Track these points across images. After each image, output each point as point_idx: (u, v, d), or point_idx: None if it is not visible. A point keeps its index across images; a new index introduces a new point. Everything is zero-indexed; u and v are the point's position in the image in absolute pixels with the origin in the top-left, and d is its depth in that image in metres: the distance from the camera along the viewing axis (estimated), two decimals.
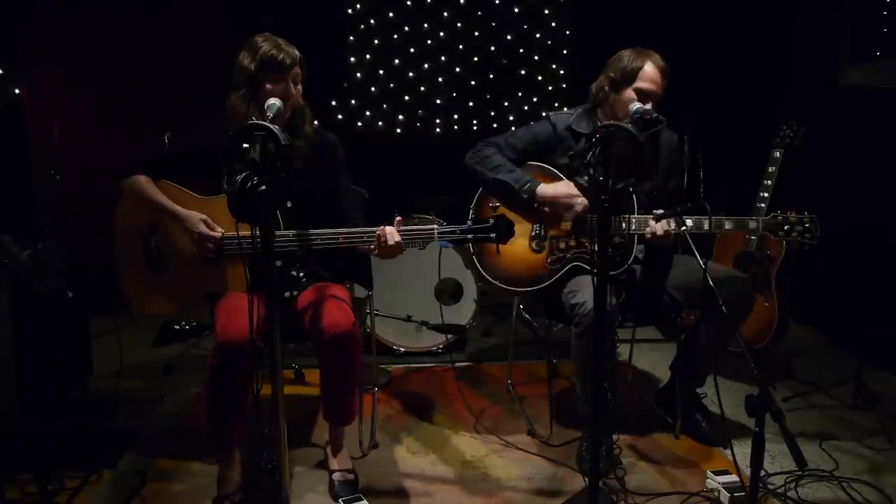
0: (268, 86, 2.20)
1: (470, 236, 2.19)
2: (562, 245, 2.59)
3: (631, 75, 2.50)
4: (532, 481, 2.46)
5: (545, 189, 2.53)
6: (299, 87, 2.29)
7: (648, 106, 2.47)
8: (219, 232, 2.26)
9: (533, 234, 2.61)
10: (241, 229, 1.74)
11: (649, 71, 2.48)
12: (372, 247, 2.21)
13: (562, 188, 2.53)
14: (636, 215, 2.48)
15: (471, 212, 2.67)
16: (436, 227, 2.20)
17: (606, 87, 2.57)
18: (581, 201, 2.50)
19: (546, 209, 2.56)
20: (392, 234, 2.17)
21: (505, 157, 2.62)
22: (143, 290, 2.38)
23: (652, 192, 2.62)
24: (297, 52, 2.26)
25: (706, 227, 2.42)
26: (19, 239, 2.76)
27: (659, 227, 2.42)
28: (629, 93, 2.50)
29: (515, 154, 2.64)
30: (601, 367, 1.99)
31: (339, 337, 2.19)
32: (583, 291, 2.45)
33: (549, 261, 2.59)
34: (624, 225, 2.47)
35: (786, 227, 2.45)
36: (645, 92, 2.48)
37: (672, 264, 2.65)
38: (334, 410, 2.39)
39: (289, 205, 2.31)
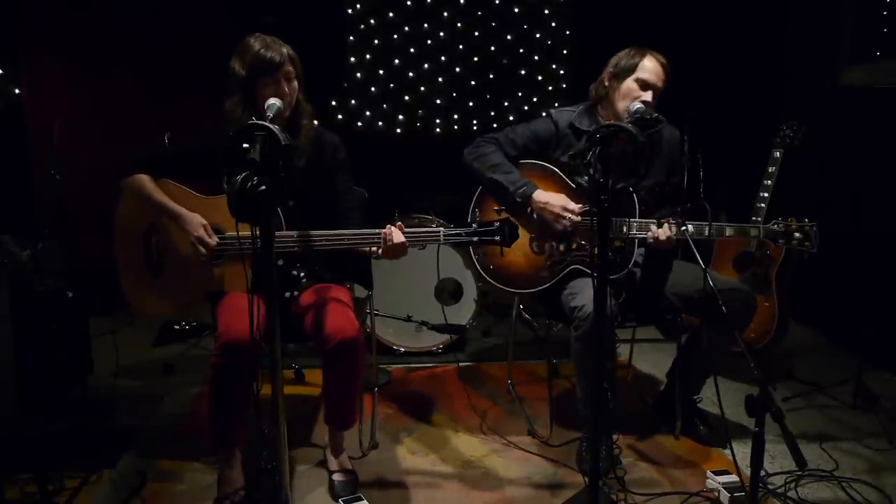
0: (261, 88, 2.19)
1: (475, 239, 2.19)
2: (562, 247, 2.58)
3: (631, 67, 2.51)
4: (532, 481, 2.46)
5: (540, 196, 2.51)
6: (294, 83, 2.26)
7: (648, 97, 2.47)
8: (214, 241, 2.26)
9: (533, 235, 2.60)
10: (241, 229, 1.74)
11: (649, 63, 2.50)
12: (374, 248, 2.21)
13: (557, 199, 2.51)
14: (637, 219, 2.47)
15: (472, 210, 2.66)
16: (442, 229, 2.20)
17: (607, 81, 2.58)
18: (571, 217, 2.49)
19: (536, 216, 2.54)
20: (397, 233, 2.17)
21: (504, 155, 2.60)
22: (142, 289, 2.38)
23: (653, 189, 2.62)
24: (287, 49, 2.23)
25: (707, 233, 2.43)
26: (19, 239, 2.76)
27: (661, 233, 2.42)
28: (629, 83, 2.51)
29: (516, 150, 2.63)
30: (601, 368, 1.99)
31: (344, 344, 2.19)
32: (582, 294, 2.45)
33: (548, 263, 2.59)
34: (625, 229, 2.47)
35: (786, 236, 2.47)
36: (646, 82, 2.48)
37: (671, 268, 2.65)
38: (335, 415, 2.39)
39: (291, 204, 2.31)
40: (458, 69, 4.53)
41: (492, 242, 2.19)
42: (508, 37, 4.56)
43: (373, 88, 4.47)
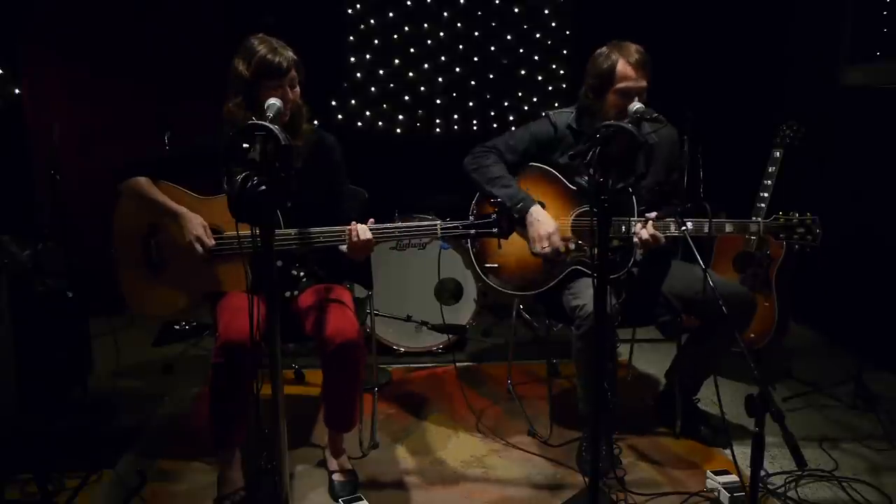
0: (264, 92, 2.17)
1: (472, 231, 2.18)
2: (562, 248, 2.58)
3: (607, 78, 2.45)
4: (532, 481, 2.46)
5: (535, 213, 2.48)
6: (297, 89, 2.26)
7: (634, 106, 2.35)
8: (212, 243, 2.25)
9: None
10: (241, 229, 1.74)
11: (622, 70, 2.43)
12: (343, 247, 2.21)
13: (547, 224, 2.47)
14: (636, 218, 2.47)
15: (472, 208, 2.66)
16: (438, 222, 2.20)
17: (591, 94, 2.53)
18: (548, 245, 2.46)
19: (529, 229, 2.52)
20: (363, 230, 2.16)
21: (504, 165, 2.59)
22: (142, 291, 2.38)
23: (653, 187, 2.61)
24: (292, 53, 2.23)
25: (706, 230, 2.41)
26: (19, 239, 2.76)
27: (644, 233, 2.39)
28: (611, 97, 2.47)
29: (516, 156, 2.62)
30: (601, 368, 1.99)
31: (345, 346, 2.19)
32: (584, 293, 2.45)
33: (549, 264, 2.58)
34: (624, 228, 2.46)
35: (787, 230, 2.43)
36: (625, 92, 2.43)
37: (669, 267, 2.64)
38: (335, 418, 2.39)
39: (289, 205, 2.31)
40: (458, 69, 4.53)
41: (489, 234, 2.18)
42: (508, 37, 4.55)
43: (373, 88, 4.46)
